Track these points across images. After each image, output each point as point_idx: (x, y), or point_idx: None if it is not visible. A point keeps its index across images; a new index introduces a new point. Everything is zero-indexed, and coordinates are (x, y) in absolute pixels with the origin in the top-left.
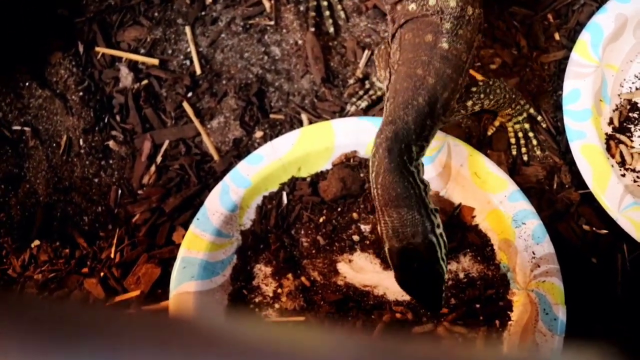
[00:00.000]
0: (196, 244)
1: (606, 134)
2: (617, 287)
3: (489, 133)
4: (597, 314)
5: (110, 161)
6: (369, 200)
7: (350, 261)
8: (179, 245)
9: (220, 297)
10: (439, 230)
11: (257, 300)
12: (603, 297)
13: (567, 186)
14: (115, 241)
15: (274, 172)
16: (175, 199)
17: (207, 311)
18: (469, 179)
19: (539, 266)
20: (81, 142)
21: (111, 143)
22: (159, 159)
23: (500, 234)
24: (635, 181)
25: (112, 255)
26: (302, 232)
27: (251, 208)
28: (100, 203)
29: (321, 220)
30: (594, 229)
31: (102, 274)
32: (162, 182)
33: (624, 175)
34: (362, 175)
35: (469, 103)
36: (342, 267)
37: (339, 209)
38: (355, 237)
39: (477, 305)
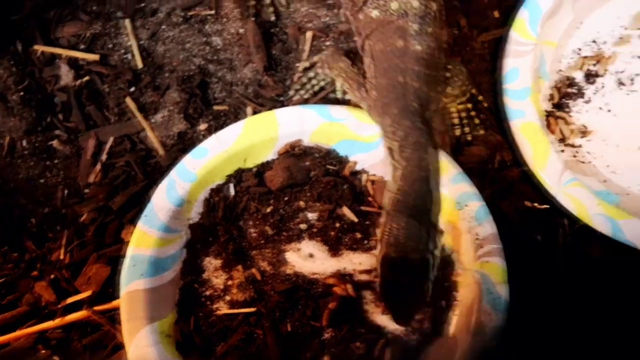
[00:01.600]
0: (144, 240)
1: (545, 110)
2: (559, 262)
3: None
4: (540, 289)
5: (55, 161)
6: (315, 188)
7: (298, 250)
8: (128, 243)
9: (172, 293)
10: (436, 252)
11: (207, 293)
12: (545, 271)
13: (508, 164)
14: (64, 242)
15: (219, 164)
16: (122, 197)
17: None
18: None
19: (482, 247)
20: (24, 143)
21: (55, 142)
22: (104, 156)
23: (445, 217)
24: (574, 156)
25: (62, 257)
26: (250, 223)
27: (198, 201)
28: (46, 204)
29: (268, 210)
30: (535, 205)
31: (52, 276)
32: (108, 179)
33: (563, 151)
34: (307, 163)
35: (449, 89)
36: (290, 256)
37: (286, 198)
38: (303, 226)
39: None
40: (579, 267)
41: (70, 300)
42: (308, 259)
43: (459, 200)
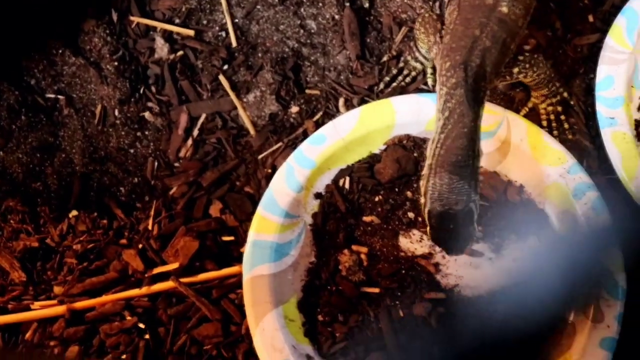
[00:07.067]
0: (265, 226)
1: (636, 120)
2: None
3: (522, 114)
4: None
5: (146, 132)
6: None
7: (408, 236)
8: (216, 219)
9: (292, 277)
10: (476, 198)
11: (324, 277)
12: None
13: (594, 171)
14: (152, 213)
15: (336, 152)
16: (212, 173)
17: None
18: (529, 153)
19: None
20: (116, 113)
21: (147, 114)
22: (195, 132)
23: (560, 206)
24: None
25: (150, 227)
26: (362, 212)
27: (315, 188)
28: (136, 174)
29: (377, 200)
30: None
31: (140, 245)
32: (199, 155)
33: None
34: (415, 155)
35: (515, 70)
36: (401, 240)
37: (396, 189)
38: (411, 214)
39: None
40: None
41: (157, 270)
42: (417, 243)
43: (575, 191)
